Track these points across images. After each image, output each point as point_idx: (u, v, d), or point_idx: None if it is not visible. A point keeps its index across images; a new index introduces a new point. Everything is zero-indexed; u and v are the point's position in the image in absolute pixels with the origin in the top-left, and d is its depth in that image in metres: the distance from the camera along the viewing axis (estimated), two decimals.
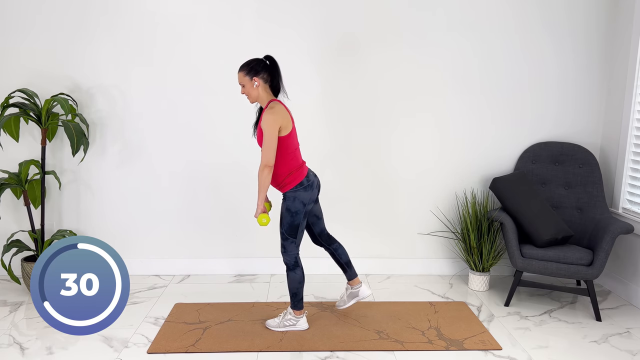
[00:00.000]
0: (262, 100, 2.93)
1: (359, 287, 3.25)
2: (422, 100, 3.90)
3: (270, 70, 2.91)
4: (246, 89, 2.91)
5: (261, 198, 2.89)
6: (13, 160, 3.76)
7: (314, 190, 2.99)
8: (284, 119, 2.84)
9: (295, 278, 3.04)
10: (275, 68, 2.93)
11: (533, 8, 3.82)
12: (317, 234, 3.20)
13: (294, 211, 2.95)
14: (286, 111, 2.90)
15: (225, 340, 2.98)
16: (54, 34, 3.70)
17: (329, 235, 3.24)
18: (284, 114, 2.86)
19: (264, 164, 2.83)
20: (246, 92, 2.92)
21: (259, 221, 2.89)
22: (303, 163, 3.02)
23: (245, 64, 2.91)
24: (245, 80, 2.89)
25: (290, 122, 2.90)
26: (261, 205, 2.91)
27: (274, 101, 2.91)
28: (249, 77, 2.88)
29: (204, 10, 3.73)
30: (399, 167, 3.97)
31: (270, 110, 2.84)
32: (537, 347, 2.97)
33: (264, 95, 2.92)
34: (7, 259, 3.71)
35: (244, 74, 2.89)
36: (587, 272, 3.30)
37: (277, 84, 2.95)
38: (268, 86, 2.93)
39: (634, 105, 3.63)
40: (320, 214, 3.18)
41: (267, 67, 2.91)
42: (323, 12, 3.76)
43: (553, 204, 3.77)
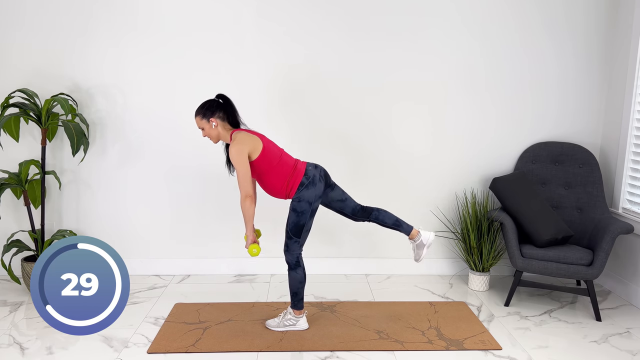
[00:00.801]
0: (224, 137, 2.98)
1: (420, 237, 3.15)
2: (422, 100, 3.90)
3: (224, 108, 2.96)
4: (206, 132, 2.96)
5: (249, 229, 2.94)
6: (13, 160, 3.77)
7: (316, 185, 2.97)
8: (249, 144, 2.88)
9: (296, 277, 3.04)
10: (229, 105, 2.99)
11: (533, 8, 3.82)
12: (351, 213, 3.14)
13: (299, 211, 2.95)
14: (249, 134, 2.94)
15: (225, 340, 2.98)
16: (54, 34, 3.70)
17: (363, 208, 3.15)
18: (248, 139, 2.89)
19: (244, 196, 2.88)
20: (207, 134, 2.97)
21: (249, 252, 2.92)
22: (296, 162, 3.01)
23: (199, 108, 2.95)
24: (203, 123, 2.94)
25: (259, 141, 2.92)
26: (251, 236, 2.95)
27: (235, 132, 2.96)
28: (205, 119, 2.93)
29: (204, 10, 3.73)
30: (398, 167, 3.97)
31: (233, 143, 2.88)
32: (537, 347, 2.97)
33: (224, 132, 2.97)
34: (7, 259, 3.71)
35: (201, 117, 2.94)
36: (587, 272, 3.30)
37: (234, 119, 2.99)
38: (226, 123, 2.97)
39: (634, 105, 3.64)
40: (343, 195, 3.11)
41: (220, 105, 2.96)
42: (325, 8, 3.76)
43: (553, 204, 3.77)
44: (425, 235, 3.15)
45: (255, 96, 3.83)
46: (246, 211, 2.90)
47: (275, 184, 2.96)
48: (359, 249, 4.04)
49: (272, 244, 3.64)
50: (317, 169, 3.02)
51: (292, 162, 3.00)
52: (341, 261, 4.05)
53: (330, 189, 3.08)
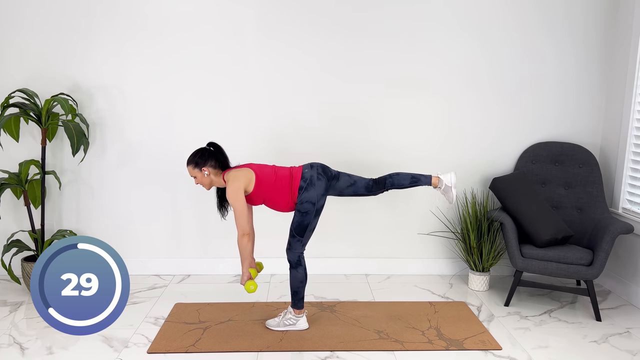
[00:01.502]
0: (217, 183, 3.01)
1: (442, 183, 3.09)
2: (422, 100, 3.90)
3: (215, 156, 2.98)
4: (199, 180, 2.98)
5: (245, 267, 2.96)
6: (13, 160, 3.77)
7: (315, 184, 2.96)
8: (242, 180, 2.91)
9: (297, 277, 3.04)
10: (220, 152, 3.01)
11: (533, 8, 3.82)
12: (366, 191, 3.09)
13: (303, 212, 2.96)
14: (239, 169, 2.97)
15: (225, 340, 2.98)
16: (55, 34, 3.70)
17: (376, 182, 3.10)
18: (240, 174, 2.93)
19: (241, 234, 2.90)
20: (199, 182, 2.99)
21: (246, 288, 2.92)
22: (291, 170, 3.03)
23: (191, 157, 2.97)
24: (196, 172, 2.96)
25: (251, 172, 2.95)
26: (246, 273, 2.96)
27: (225, 173, 2.98)
28: (198, 169, 2.95)
29: (204, 11, 3.73)
30: (399, 167, 3.96)
31: (228, 184, 2.92)
32: (537, 347, 2.97)
33: (217, 179, 2.99)
34: (7, 259, 3.71)
35: (193, 167, 2.96)
36: (587, 272, 3.30)
37: (225, 165, 3.01)
38: (218, 169, 2.99)
39: (634, 105, 3.64)
40: (350, 180, 3.06)
41: (212, 153, 2.98)
42: (327, 9, 3.76)
43: (553, 204, 3.77)
44: (447, 178, 3.09)
45: (256, 96, 3.83)
46: (243, 249, 2.93)
47: (281, 200, 2.99)
48: (359, 249, 4.04)
49: (272, 244, 3.64)
50: (312, 168, 3.02)
51: (288, 173, 3.02)
52: (341, 261, 4.05)
53: (335, 180, 3.06)
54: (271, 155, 3.77)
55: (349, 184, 3.07)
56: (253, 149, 3.81)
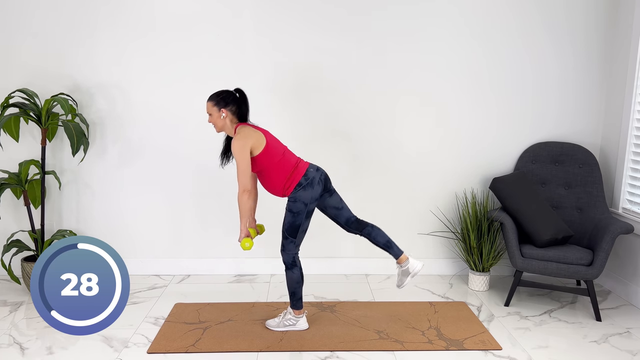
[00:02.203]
0: (228, 130, 2.97)
1: (407, 264, 3.11)
2: (422, 100, 3.90)
3: (238, 103, 2.95)
4: (213, 119, 2.95)
5: (243, 223, 2.93)
6: (13, 160, 3.77)
7: (314, 187, 2.96)
8: (252, 139, 2.87)
9: (293, 277, 3.04)
10: (244, 101, 2.97)
11: (533, 9, 3.82)
12: (345, 223, 3.12)
13: (295, 212, 2.94)
14: (253, 129, 2.93)
15: (225, 340, 2.98)
16: (54, 34, 3.70)
17: (358, 220, 3.14)
18: (252, 133, 2.89)
19: (242, 190, 2.86)
20: (212, 121, 2.96)
21: (241, 245, 2.91)
22: (298, 161, 3.00)
23: (215, 94, 2.94)
24: (213, 110, 2.93)
25: (262, 137, 2.91)
26: (244, 230, 2.94)
27: (239, 126, 2.95)
28: (217, 107, 2.92)
29: (204, 10, 3.73)
30: (399, 167, 3.97)
31: (236, 137, 2.87)
32: (537, 347, 2.97)
33: (230, 125, 2.96)
34: (7, 259, 3.71)
35: (213, 104, 2.92)
36: (587, 272, 3.30)
37: (244, 115, 2.98)
38: (235, 117, 2.96)
39: (634, 105, 3.64)
40: (340, 203, 3.10)
41: (236, 99, 2.95)
42: (327, 9, 3.76)
43: (553, 204, 3.77)
44: (413, 264, 3.10)
45: (256, 96, 3.82)
46: (242, 205, 2.89)
47: (274, 181, 2.95)
48: (359, 249, 4.04)
49: (272, 244, 3.64)
50: (318, 171, 3.01)
51: (294, 161, 2.99)
52: (341, 261, 4.05)
53: (329, 194, 3.07)
54: None
55: (337, 205, 3.09)
56: None
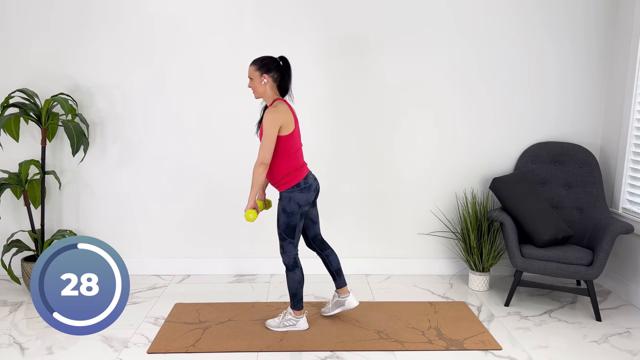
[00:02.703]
0: (267, 98, 2.92)
1: (346, 297, 3.20)
2: (422, 100, 3.90)
3: (281, 71, 2.91)
4: (253, 83, 2.90)
5: (252, 194, 2.89)
6: (13, 160, 3.77)
7: (310, 192, 2.97)
8: (285, 119, 2.84)
9: (294, 278, 3.03)
10: (288, 70, 2.93)
11: (533, 8, 3.82)
12: (311, 238, 3.18)
13: (289, 212, 2.94)
14: (290, 111, 2.89)
15: (225, 340, 2.98)
16: (55, 34, 3.70)
17: (322, 240, 3.22)
18: (287, 114, 2.86)
19: (260, 161, 2.82)
20: (253, 86, 2.91)
21: (245, 216, 2.87)
22: (304, 165, 3.01)
23: (258, 59, 2.90)
24: (255, 75, 2.88)
25: (293, 122, 2.89)
26: (252, 202, 2.89)
27: (278, 100, 2.91)
28: (259, 72, 2.88)
29: (204, 10, 3.73)
30: (399, 167, 3.97)
31: (272, 109, 2.84)
32: (537, 347, 2.98)
33: (270, 93, 2.91)
34: (7, 259, 3.71)
35: (256, 68, 2.88)
36: (587, 272, 3.30)
37: (286, 85, 2.95)
38: (276, 86, 2.92)
39: (634, 105, 3.63)
40: (316, 218, 3.15)
41: (279, 67, 2.91)
42: (325, 12, 3.76)
43: (553, 204, 3.77)
44: (350, 299, 3.19)
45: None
46: (257, 177, 2.83)
47: (277, 168, 2.92)
48: (359, 249, 4.04)
49: (272, 244, 3.64)
50: (315, 180, 3.02)
51: (301, 162, 2.99)
52: (341, 261, 4.03)
53: (312, 206, 3.09)
54: None
55: (314, 219, 3.13)
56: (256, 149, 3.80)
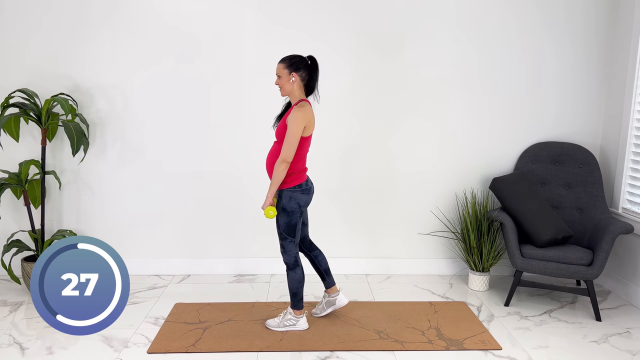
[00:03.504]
0: (294, 96, 2.94)
1: (336, 295, 3.23)
2: (422, 100, 3.90)
3: (310, 70, 2.93)
4: (281, 81, 2.92)
5: (272, 191, 2.90)
6: (13, 160, 3.77)
7: (310, 195, 3.01)
8: (310, 120, 2.88)
9: (295, 278, 3.04)
10: (316, 69, 2.95)
11: (533, 8, 3.82)
12: (302, 240, 3.20)
13: (290, 211, 2.95)
14: (313, 115, 2.93)
15: (225, 340, 2.98)
16: (54, 34, 3.70)
17: (310, 241, 3.25)
18: (311, 117, 2.90)
19: (282, 159, 2.84)
20: (281, 83, 2.93)
21: (265, 213, 2.88)
22: (305, 170, 3.03)
23: (287, 57, 2.92)
24: (284, 73, 2.90)
25: (313, 126, 2.93)
26: (270, 198, 2.91)
27: (305, 101, 2.93)
28: (288, 70, 2.89)
29: (204, 10, 3.73)
30: (399, 167, 3.97)
31: (300, 108, 2.86)
32: (537, 347, 2.98)
33: (297, 92, 2.93)
34: (7, 259, 3.71)
35: (285, 66, 2.90)
36: (587, 272, 3.30)
37: (313, 85, 2.97)
38: (303, 85, 2.94)
39: (633, 105, 3.64)
40: (307, 220, 3.19)
41: (308, 66, 2.93)
42: (326, 16, 3.76)
43: (553, 204, 3.77)
44: (340, 298, 3.24)
45: (257, 96, 3.83)
46: (279, 173, 2.85)
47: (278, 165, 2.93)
48: (359, 249, 4.04)
49: (272, 243, 3.64)
50: (312, 185, 3.06)
51: (303, 167, 3.01)
52: (341, 261, 4.05)
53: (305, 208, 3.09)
54: None
55: (305, 221, 3.16)
56: (255, 148, 3.81)
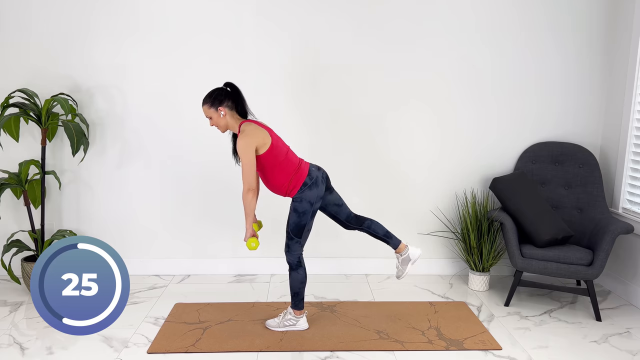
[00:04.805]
0: (233, 127, 2.95)
1: (407, 252, 3.16)
2: (423, 100, 3.90)
3: (233, 97, 2.93)
4: (214, 121, 2.92)
5: (248, 223, 2.92)
6: (13, 160, 3.76)
7: (319, 186, 2.96)
8: (258, 138, 2.85)
9: (297, 278, 3.03)
10: (238, 94, 2.95)
11: (534, 9, 3.82)
12: (345, 220, 3.15)
13: (301, 211, 2.94)
14: (259, 127, 2.91)
15: (225, 340, 2.98)
16: (54, 34, 3.70)
17: (357, 217, 3.17)
18: (257, 132, 2.87)
19: (247, 188, 2.85)
20: (215, 123, 2.93)
21: (247, 245, 2.90)
22: (300, 162, 3.00)
23: (207, 96, 2.92)
24: (211, 112, 2.90)
25: (268, 135, 2.89)
26: (249, 229, 2.93)
27: (244, 123, 2.92)
28: (214, 108, 2.89)
29: (205, 11, 3.73)
30: (399, 167, 3.97)
31: (241, 135, 2.85)
32: (537, 347, 2.98)
33: (232, 122, 2.93)
34: (7, 259, 3.71)
35: (209, 106, 2.90)
36: (587, 272, 3.30)
37: (243, 108, 2.96)
38: (235, 112, 2.94)
39: (634, 105, 3.64)
40: (340, 200, 3.12)
41: (229, 94, 2.92)
42: (328, 12, 3.76)
43: (553, 204, 3.77)
44: (413, 251, 3.17)
45: (257, 97, 3.83)
46: (248, 204, 2.88)
47: (278, 181, 2.94)
48: (359, 249, 4.04)
49: (272, 243, 3.64)
50: (319, 170, 3.02)
51: (297, 161, 2.99)
52: (341, 261, 4.05)
53: (329, 192, 3.08)
54: None
55: (337, 202, 3.11)
56: None
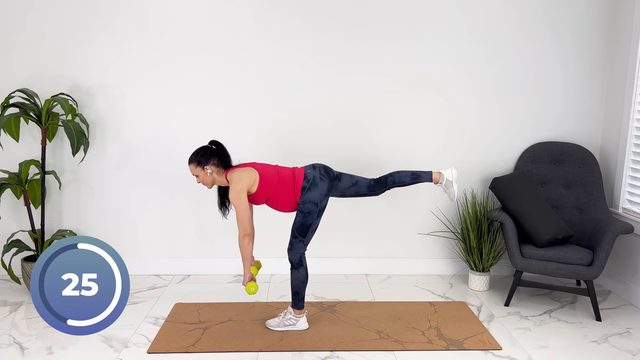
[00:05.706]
0: (220, 182, 2.99)
1: (444, 178, 3.09)
2: (423, 100, 3.90)
3: (218, 155, 2.96)
4: (201, 179, 2.96)
5: (246, 267, 2.95)
6: (13, 160, 3.76)
7: (318, 185, 2.96)
8: (246, 180, 2.89)
9: (298, 277, 3.04)
10: (223, 151, 2.99)
11: (534, 9, 3.82)
12: (369, 191, 3.09)
13: (306, 212, 2.96)
14: (243, 168, 2.95)
15: (225, 340, 2.98)
16: (54, 34, 3.70)
17: (377, 181, 3.10)
18: (243, 176, 2.90)
19: (242, 234, 2.89)
20: (201, 181, 2.96)
21: (247, 290, 2.93)
22: (294, 171, 3.03)
23: (193, 156, 2.95)
24: (198, 170, 2.94)
25: (254, 172, 2.93)
26: (247, 274, 2.96)
27: (229, 172, 2.95)
28: (200, 167, 2.93)
29: (205, 12, 3.73)
30: (400, 166, 3.96)
31: (232, 185, 2.89)
32: (537, 347, 2.98)
33: (219, 178, 2.97)
34: (7, 259, 3.71)
35: (195, 165, 2.93)
36: (587, 272, 3.30)
37: (227, 161, 2.99)
38: (221, 168, 2.97)
39: (634, 105, 3.64)
40: (352, 180, 3.06)
41: (214, 152, 2.96)
42: (328, 7, 3.76)
43: (553, 204, 3.77)
44: (448, 173, 3.10)
45: (257, 97, 3.83)
46: (244, 250, 2.92)
47: (284, 201, 2.98)
48: (359, 249, 4.04)
49: (272, 244, 3.64)
50: (315, 169, 3.02)
51: (290, 173, 3.01)
52: (341, 261, 4.05)
53: (337, 180, 3.06)
54: (274, 156, 3.75)
55: (350, 184, 3.08)
56: (256, 150, 3.81)
